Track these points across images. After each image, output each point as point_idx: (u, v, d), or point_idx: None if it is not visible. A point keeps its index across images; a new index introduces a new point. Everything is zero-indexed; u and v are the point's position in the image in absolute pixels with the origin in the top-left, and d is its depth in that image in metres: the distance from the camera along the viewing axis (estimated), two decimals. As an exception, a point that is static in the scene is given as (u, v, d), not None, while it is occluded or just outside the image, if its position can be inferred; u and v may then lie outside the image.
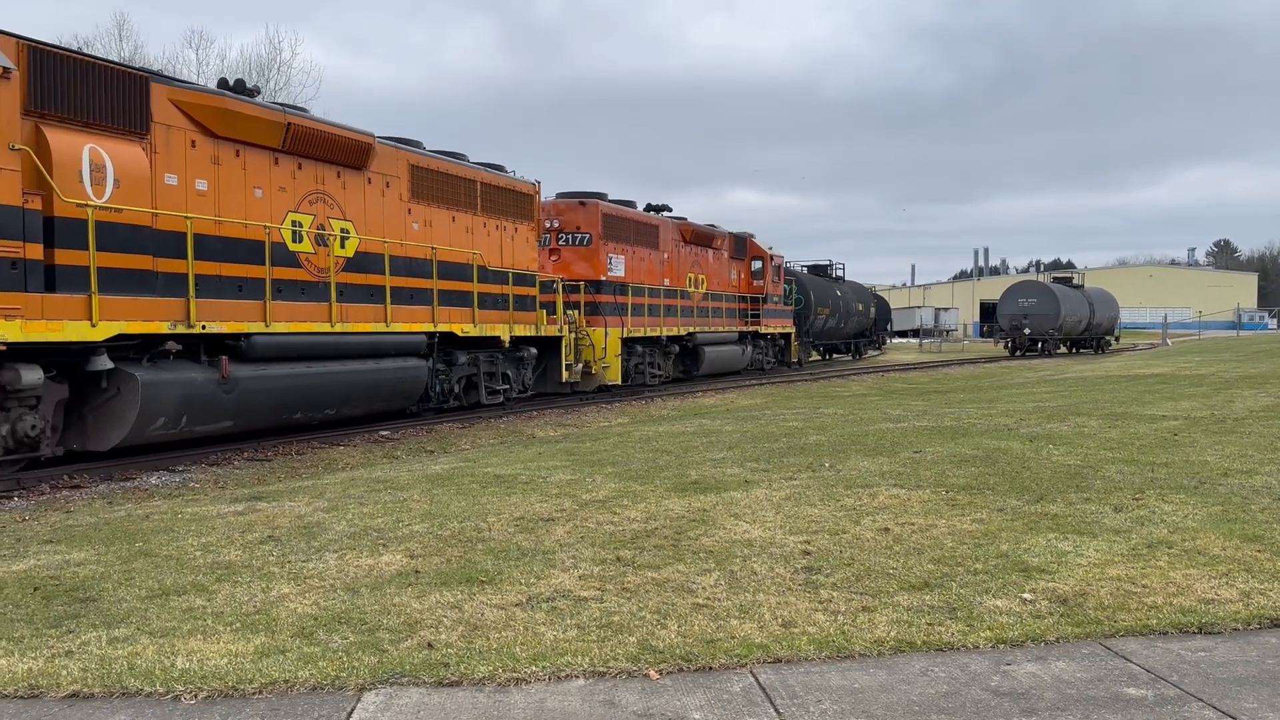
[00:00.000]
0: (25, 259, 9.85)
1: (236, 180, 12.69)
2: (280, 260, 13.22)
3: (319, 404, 14.19)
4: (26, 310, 9.88)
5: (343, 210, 14.46)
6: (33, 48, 10.25)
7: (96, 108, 10.84)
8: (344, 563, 6.06)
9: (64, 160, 10.30)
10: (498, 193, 18.18)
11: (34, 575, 6.01)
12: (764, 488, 8.31)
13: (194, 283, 11.80)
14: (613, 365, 22.33)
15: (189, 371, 11.80)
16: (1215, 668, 4.24)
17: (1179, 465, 9.13)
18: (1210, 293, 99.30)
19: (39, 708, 4.00)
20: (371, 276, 14.92)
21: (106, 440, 11.14)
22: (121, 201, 10.95)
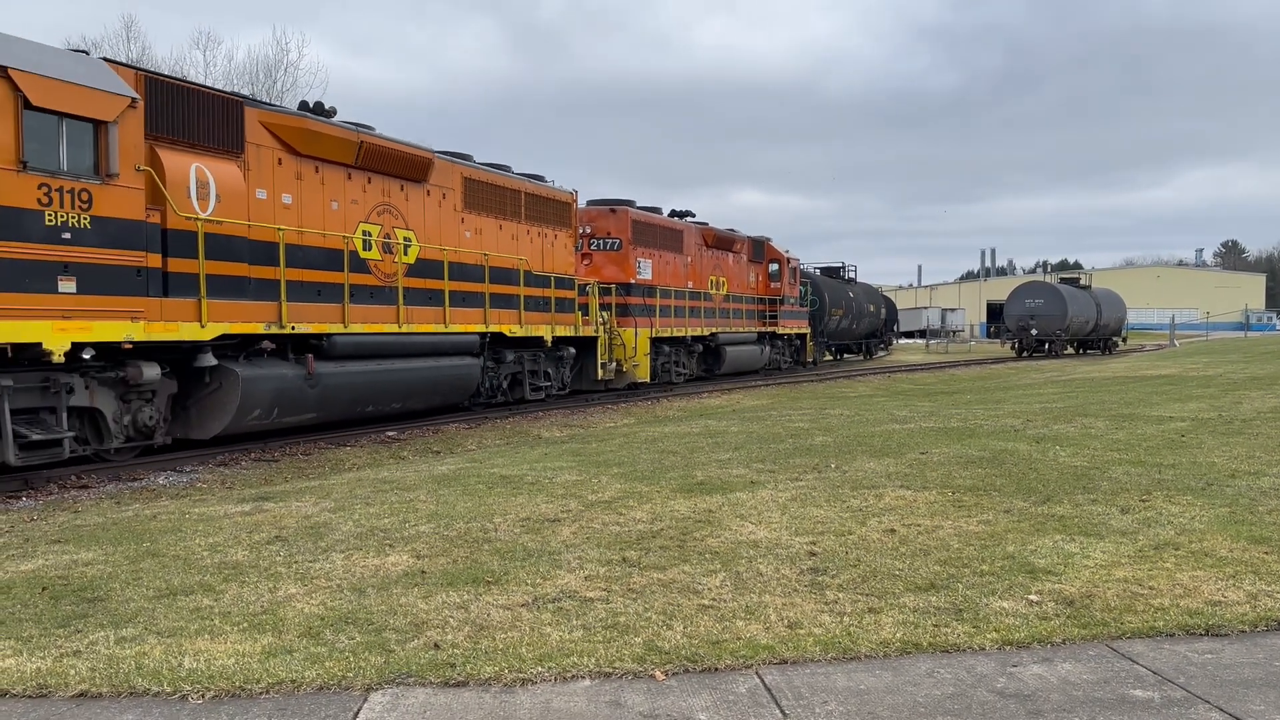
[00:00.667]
0: (147, 267, 11.07)
1: (316, 194, 13.89)
2: (354, 267, 14.39)
3: (388, 398, 15.39)
4: (148, 313, 11.08)
5: (405, 220, 15.62)
6: (148, 77, 11.58)
7: (200, 130, 12.08)
8: (350, 563, 6.07)
9: (175, 178, 11.53)
10: (539, 202, 19.41)
11: (42, 575, 6.03)
12: (770, 489, 8.31)
13: (287, 288, 13.09)
14: (642, 364, 23.41)
15: (280, 368, 13.08)
16: (1222, 670, 4.23)
17: (1186, 467, 9.11)
18: (1218, 293, 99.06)
19: (47, 707, 4.02)
20: (431, 281, 16.06)
21: (208, 430, 12.42)
22: (222, 215, 12.16)
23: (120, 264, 10.70)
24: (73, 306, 10.25)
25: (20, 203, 9.78)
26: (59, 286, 10.12)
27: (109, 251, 10.59)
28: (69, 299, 10.22)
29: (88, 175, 10.37)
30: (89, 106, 10.35)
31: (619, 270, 23.38)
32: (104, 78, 10.74)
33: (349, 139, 14.31)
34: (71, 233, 10.21)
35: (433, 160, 16.14)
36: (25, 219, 9.82)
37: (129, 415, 11.51)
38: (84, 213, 10.32)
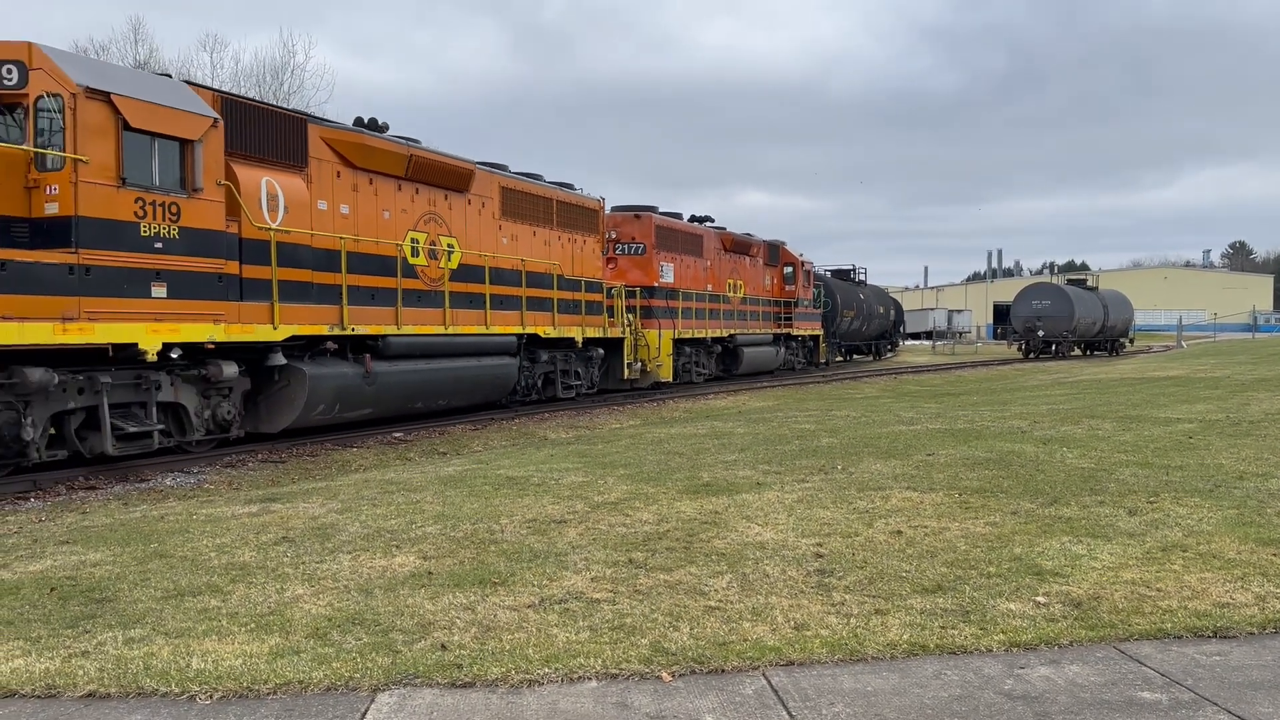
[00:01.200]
0: (227, 274, 12.10)
1: (370, 204, 14.97)
2: (403, 272, 15.43)
3: (435, 395, 16.52)
4: (227, 316, 12.12)
5: (449, 228, 16.73)
6: (224, 98, 12.65)
7: (270, 146, 13.16)
8: (358, 564, 6.08)
9: (249, 192, 12.56)
10: (570, 209, 20.51)
11: (51, 576, 6.05)
12: (776, 490, 8.31)
13: (348, 293, 14.18)
14: (665, 364, 24.42)
15: (342, 367, 14.20)
16: (1230, 671, 4.22)
17: (1194, 468, 9.09)
18: (1225, 294, 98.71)
19: (56, 707, 4.03)
20: (472, 285, 17.17)
21: (277, 424, 13.54)
22: (289, 225, 13.17)
23: (204, 271, 11.77)
24: (163, 310, 11.25)
25: (120, 215, 10.73)
26: (152, 291, 11.14)
27: (194, 259, 11.63)
28: (160, 303, 11.21)
29: (176, 190, 11.38)
30: (178, 127, 11.34)
31: (642, 274, 24.33)
32: (189, 100, 11.83)
33: (400, 152, 15.39)
34: (163, 242, 11.20)
35: (474, 171, 17.24)
36: (124, 230, 10.78)
37: (209, 410, 12.58)
38: (173, 224, 11.33)
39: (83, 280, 10.38)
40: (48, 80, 10.34)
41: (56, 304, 10.14)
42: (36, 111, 10.33)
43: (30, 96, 10.32)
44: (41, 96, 10.30)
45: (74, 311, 10.29)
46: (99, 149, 10.51)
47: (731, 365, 29.38)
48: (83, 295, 10.37)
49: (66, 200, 10.28)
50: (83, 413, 11.05)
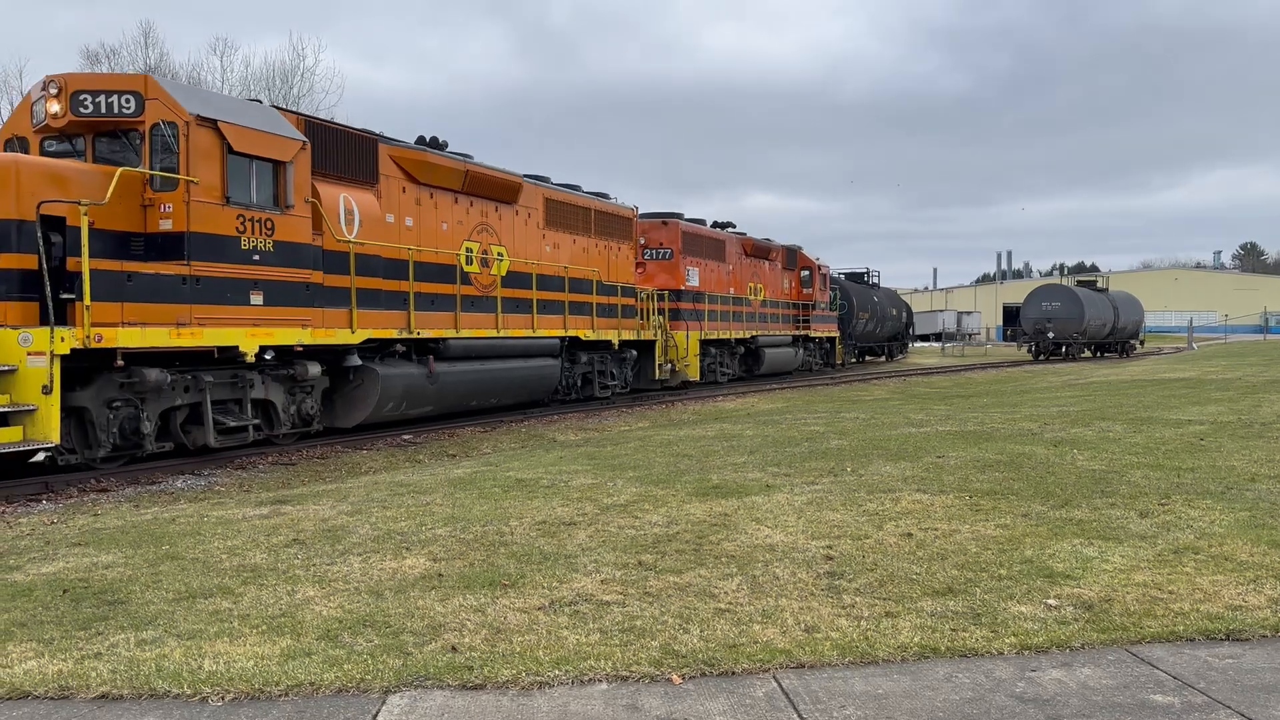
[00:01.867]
0: (313, 283, 13.20)
1: (431, 217, 16.08)
2: (460, 279, 16.56)
3: (488, 393, 17.63)
4: (313, 321, 13.23)
5: (499, 237, 17.82)
6: (308, 121, 13.88)
7: (346, 165, 14.33)
8: (368, 566, 6.10)
9: (330, 207, 13.71)
10: (606, 218, 21.64)
11: (63, 577, 6.08)
12: (785, 492, 8.30)
13: (415, 299, 15.31)
14: (693, 364, 25.46)
15: (408, 367, 15.37)
16: (1243, 675, 4.20)
17: (1205, 470, 9.05)
18: (1236, 296, 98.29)
19: (69, 708, 4.05)
20: (520, 291, 18.18)
21: (352, 419, 14.78)
22: (363, 237, 14.33)
23: (294, 280, 12.90)
24: (260, 316, 12.39)
25: (225, 231, 11.84)
26: (250, 299, 12.27)
27: (287, 270, 12.76)
28: (258, 310, 12.35)
29: (270, 207, 12.48)
30: (273, 150, 12.47)
31: (670, 278, 25.27)
32: (280, 124, 12.95)
33: (457, 168, 16.55)
34: (260, 255, 12.32)
35: (521, 184, 18.40)
36: (228, 244, 11.90)
37: (294, 406, 13.82)
38: (268, 238, 12.45)
39: (194, 289, 11.49)
40: (162, 109, 11.40)
41: (172, 311, 11.28)
42: (152, 137, 11.40)
43: (146, 123, 11.39)
44: (157, 124, 11.36)
45: (186, 318, 11.44)
46: (207, 171, 11.60)
47: (753, 366, 30.36)
48: (193, 303, 11.50)
49: (180, 217, 11.40)
50: (187, 409, 12.21)
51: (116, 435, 11.39)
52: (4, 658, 4.58)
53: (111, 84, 11.68)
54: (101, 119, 11.47)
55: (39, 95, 11.75)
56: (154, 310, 11.05)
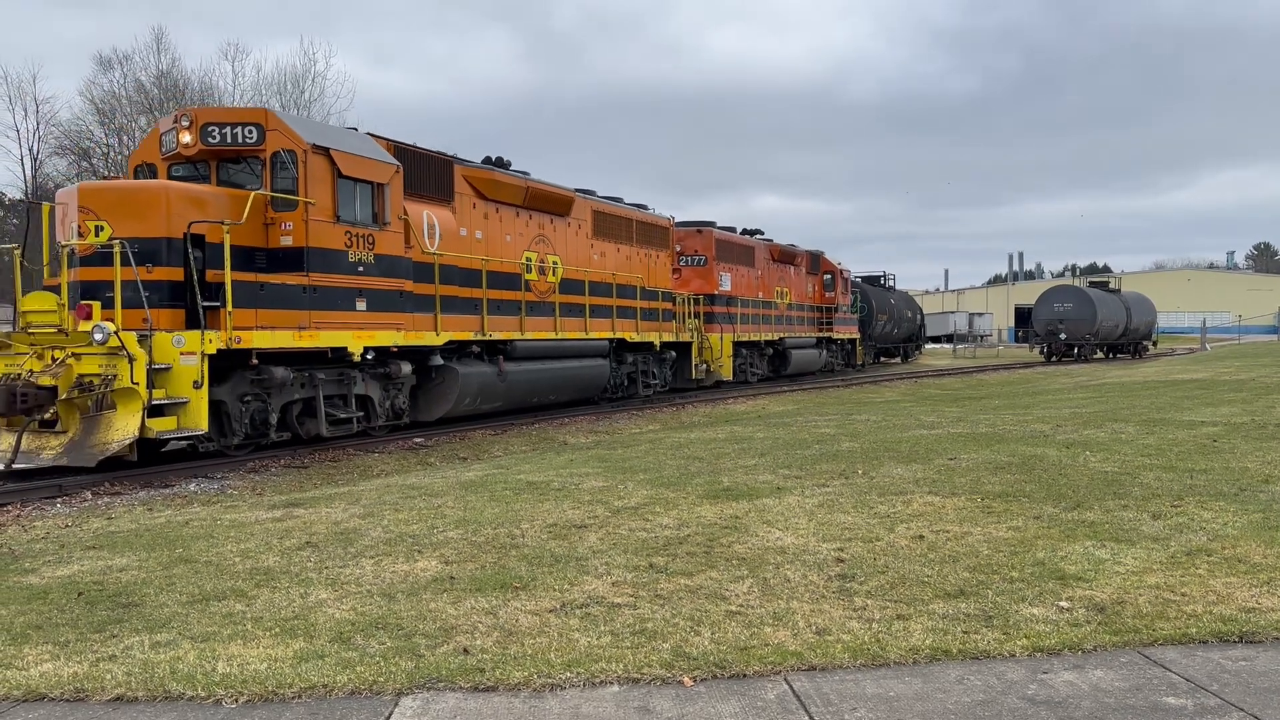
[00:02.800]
0: (405, 291, 14.74)
1: (497, 230, 17.56)
2: (521, 286, 18.01)
3: (547, 391, 19.03)
4: (405, 325, 14.75)
5: (554, 247, 19.24)
6: (397, 146, 15.29)
7: (428, 184, 15.90)
8: (380, 568, 6.12)
9: (416, 223, 15.21)
10: (646, 228, 23.15)
11: (78, 580, 6.12)
12: (796, 494, 8.29)
13: (487, 305, 16.88)
14: (726, 364, 26.88)
15: (482, 367, 16.91)
16: (1256, 677, 4.19)
17: (1219, 472, 9.01)
18: (1250, 296, 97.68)
19: (85, 710, 4.08)
20: (573, 297, 19.62)
21: (434, 413, 16.28)
22: (442, 249, 15.82)
23: (390, 289, 14.39)
24: (364, 321, 13.88)
25: (335, 245, 13.31)
26: (356, 306, 13.75)
27: (385, 280, 14.25)
28: (362, 315, 13.84)
29: (371, 224, 13.94)
30: (374, 173, 13.95)
31: (704, 283, 26.65)
32: (377, 150, 14.47)
33: (519, 185, 18.02)
34: (363, 266, 13.81)
35: (574, 198, 19.88)
36: (338, 258, 13.39)
37: (389, 401, 15.34)
38: (370, 251, 13.93)
39: (311, 297, 12.97)
40: (282, 139, 12.84)
41: (294, 316, 12.79)
42: (273, 163, 12.86)
43: (267, 151, 12.83)
44: (278, 152, 12.83)
45: (306, 322, 12.94)
46: (320, 193, 13.04)
47: (780, 366, 31.69)
48: (311, 309, 12.98)
49: (299, 234, 12.85)
50: (301, 403, 13.72)
51: (248, 425, 12.98)
52: (20, 660, 4.62)
53: (236, 117, 13.21)
54: (227, 148, 12.97)
55: (170, 127, 13.33)
56: (280, 316, 12.62)
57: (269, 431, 13.24)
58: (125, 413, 11.01)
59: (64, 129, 49.40)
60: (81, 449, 11.00)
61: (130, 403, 10.99)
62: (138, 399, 10.98)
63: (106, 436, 11.00)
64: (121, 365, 11.01)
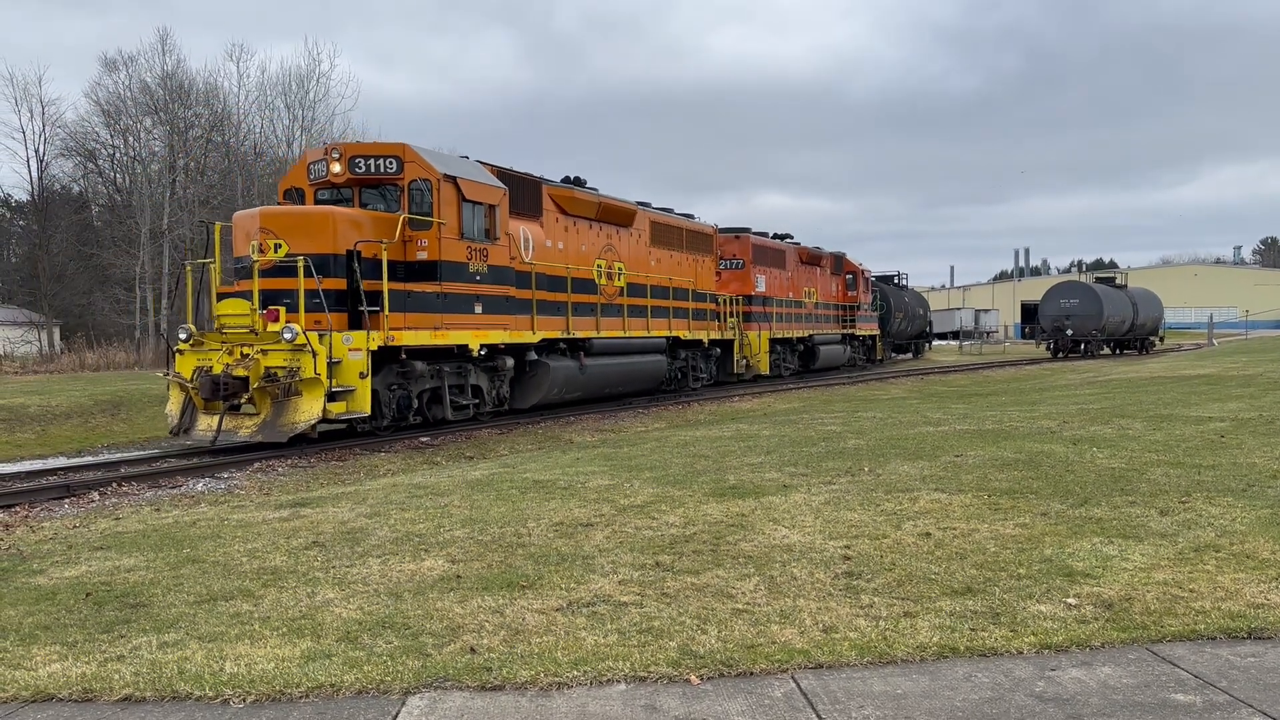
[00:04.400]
0: (510, 296, 17.25)
1: (574, 241, 19.91)
2: (594, 290, 20.39)
3: (617, 383, 21.53)
4: (510, 325, 17.28)
5: (618, 255, 21.57)
6: (499, 170, 17.60)
7: (524, 203, 18.16)
8: (387, 568, 6.13)
9: (516, 237, 17.62)
10: (694, 235, 25.56)
11: (86, 581, 6.14)
12: (803, 492, 8.28)
13: (570, 307, 19.27)
14: (763, 360, 29.15)
15: (567, 361, 19.33)
16: (1266, 673, 4.17)
17: (1226, 468, 8.98)
18: (1257, 291, 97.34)
19: (93, 711, 4.09)
20: (636, 299, 22.10)
21: (528, 401, 18.65)
22: (534, 259, 18.24)
23: (499, 294, 16.96)
24: (480, 322, 16.45)
25: (460, 258, 15.86)
26: (475, 309, 16.30)
27: (495, 287, 16.82)
28: (478, 317, 16.40)
29: (484, 239, 16.45)
30: (488, 196, 16.52)
31: (741, 285, 28.89)
32: (488, 176, 16.93)
33: (593, 200, 20.44)
34: (480, 276, 16.34)
35: (636, 211, 22.36)
36: (462, 269, 15.95)
37: (495, 390, 17.81)
38: (484, 263, 16.46)
39: (443, 302, 15.50)
40: (418, 169, 15.32)
41: (431, 319, 15.34)
42: (410, 190, 15.31)
43: (405, 180, 15.32)
44: (415, 180, 15.29)
45: (439, 324, 15.50)
46: (449, 214, 15.49)
47: (809, 362, 34.08)
48: (443, 313, 15.52)
49: (433, 249, 15.30)
50: (429, 391, 16.19)
51: (394, 409, 15.39)
52: (28, 661, 4.63)
53: (378, 150, 15.56)
54: (369, 176, 15.43)
55: (319, 158, 15.78)
56: (421, 319, 15.15)
57: (409, 414, 15.71)
58: (310, 398, 13.43)
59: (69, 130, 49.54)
60: (273, 428, 13.46)
61: (314, 390, 13.41)
62: (320, 387, 13.38)
63: (294, 417, 13.44)
64: (305, 359, 13.38)
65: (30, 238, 54.09)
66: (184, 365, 14.15)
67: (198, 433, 13.97)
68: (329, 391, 13.45)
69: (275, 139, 51.47)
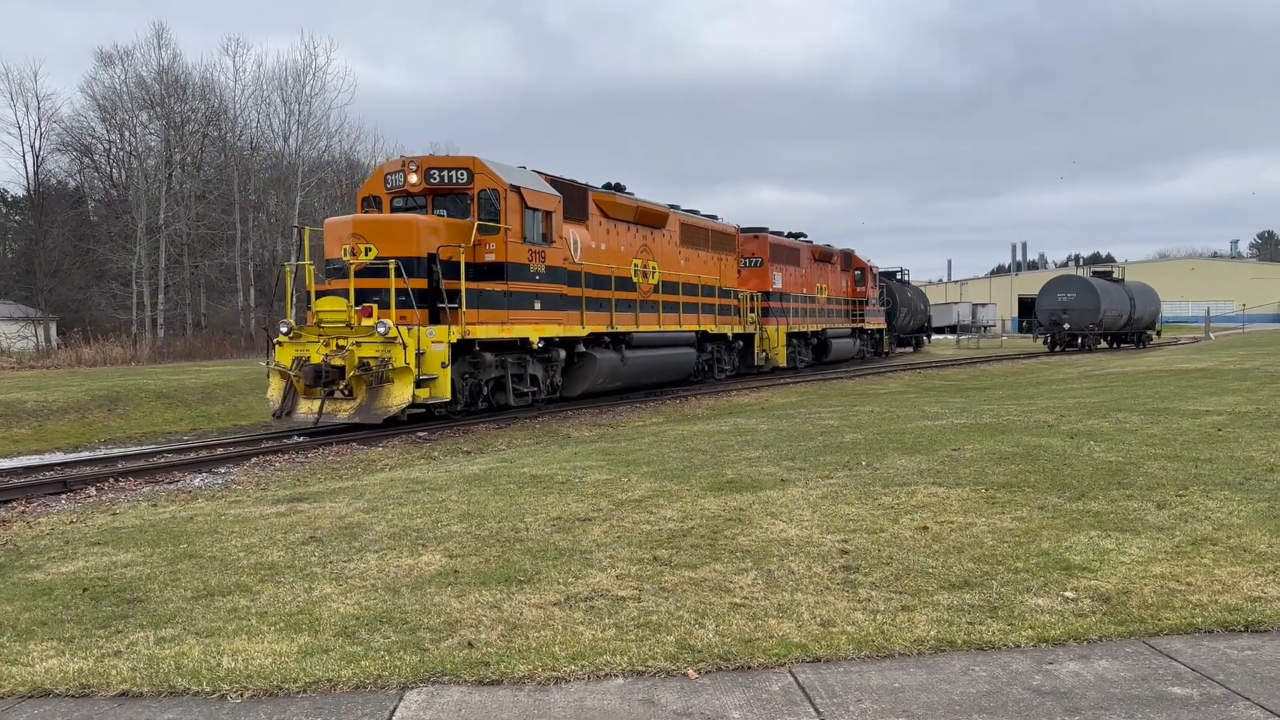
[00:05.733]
0: (563, 294, 18.75)
1: (615, 242, 21.36)
2: (632, 288, 21.95)
3: (653, 373, 23.04)
4: (563, 320, 18.79)
5: (652, 255, 23.01)
6: (551, 179, 19.06)
7: (573, 209, 19.58)
8: (384, 563, 6.12)
9: (567, 239, 19.10)
10: (718, 235, 27.14)
11: (83, 577, 6.13)
12: (800, 486, 8.28)
13: (614, 304, 20.87)
14: (781, 352, 30.94)
15: (611, 353, 20.82)
16: (1262, 666, 4.18)
17: (1223, 461, 8.99)
18: (1254, 285, 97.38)
19: (90, 706, 4.08)
20: (668, 296, 23.61)
21: (576, 390, 20.12)
22: (583, 259, 19.75)
23: (554, 292, 18.45)
24: (539, 317, 17.93)
25: (523, 260, 17.43)
26: (534, 306, 17.83)
27: (551, 285, 18.32)
28: (537, 313, 17.90)
29: (542, 242, 17.97)
30: (546, 204, 18.09)
31: (760, 282, 30.30)
32: (545, 185, 18.46)
33: (631, 205, 21.98)
34: (539, 275, 17.87)
35: (668, 213, 23.90)
36: (525, 270, 17.53)
37: (548, 379, 19.25)
38: (542, 264, 17.99)
39: (508, 299, 17.03)
40: (487, 180, 16.89)
41: (498, 315, 16.87)
42: (480, 199, 16.88)
43: (474, 190, 16.89)
44: (484, 190, 16.87)
45: (505, 319, 17.00)
46: (514, 221, 17.04)
47: (822, 354, 35.37)
48: (508, 309, 17.05)
49: (500, 252, 16.86)
50: (493, 381, 17.66)
51: (466, 396, 16.94)
52: (25, 657, 4.63)
53: (451, 163, 17.17)
54: (442, 186, 17.00)
55: (397, 169, 17.36)
56: (491, 314, 16.67)
57: (478, 400, 17.42)
58: (401, 385, 14.97)
59: (65, 125, 49.42)
60: (369, 411, 15.05)
61: (405, 378, 14.97)
62: (410, 375, 14.97)
63: (387, 402, 15.00)
64: (396, 351, 14.90)
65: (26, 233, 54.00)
66: (283, 355, 15.56)
67: (299, 415, 15.44)
68: (417, 379, 15.05)
69: (272, 133, 51.44)
